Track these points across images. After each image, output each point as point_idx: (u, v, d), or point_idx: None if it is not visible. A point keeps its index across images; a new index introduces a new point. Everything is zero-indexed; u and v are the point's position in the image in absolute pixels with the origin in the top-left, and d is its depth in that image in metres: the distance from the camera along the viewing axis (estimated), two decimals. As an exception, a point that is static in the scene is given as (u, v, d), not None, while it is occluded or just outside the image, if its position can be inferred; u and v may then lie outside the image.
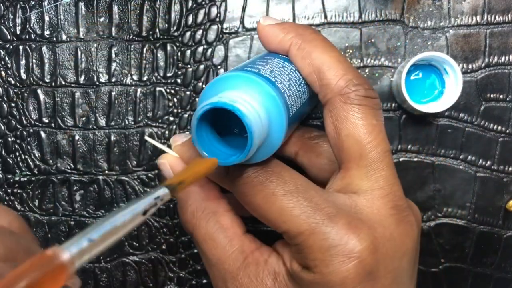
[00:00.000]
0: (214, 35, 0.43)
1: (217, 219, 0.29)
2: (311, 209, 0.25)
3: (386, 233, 0.26)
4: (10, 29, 0.44)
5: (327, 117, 0.28)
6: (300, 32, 0.29)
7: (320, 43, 0.29)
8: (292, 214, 0.26)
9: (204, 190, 0.30)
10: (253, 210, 0.27)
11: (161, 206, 0.43)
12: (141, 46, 0.43)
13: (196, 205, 0.30)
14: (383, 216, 0.26)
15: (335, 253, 0.24)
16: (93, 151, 0.44)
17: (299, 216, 0.25)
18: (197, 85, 0.43)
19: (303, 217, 0.25)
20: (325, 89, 0.28)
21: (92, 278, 0.44)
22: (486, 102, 0.42)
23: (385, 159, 0.27)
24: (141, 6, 0.43)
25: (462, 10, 0.42)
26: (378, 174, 0.27)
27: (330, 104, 0.28)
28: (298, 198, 0.26)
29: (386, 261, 0.25)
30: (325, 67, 0.28)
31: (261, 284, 0.27)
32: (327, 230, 0.25)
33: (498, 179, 0.42)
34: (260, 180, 0.27)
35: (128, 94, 0.43)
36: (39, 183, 0.44)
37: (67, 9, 0.44)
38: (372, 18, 0.42)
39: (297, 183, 0.27)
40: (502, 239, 0.43)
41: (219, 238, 0.29)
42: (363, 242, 0.25)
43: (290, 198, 0.26)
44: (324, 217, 0.25)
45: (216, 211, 0.29)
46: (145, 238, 0.43)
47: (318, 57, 0.28)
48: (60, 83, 0.43)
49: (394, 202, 0.27)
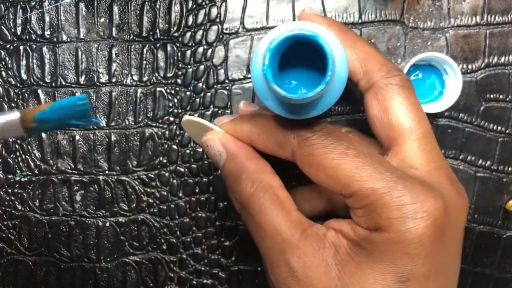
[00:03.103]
0: (214, 36, 0.43)
1: (274, 191, 0.29)
2: (385, 170, 0.26)
3: (450, 201, 0.26)
4: (10, 30, 0.44)
5: (372, 100, 0.30)
6: (340, 26, 0.32)
7: (358, 37, 0.32)
8: (367, 173, 0.26)
9: (259, 164, 0.30)
10: (321, 171, 0.27)
11: (162, 206, 0.43)
12: (142, 47, 0.43)
13: (253, 177, 0.29)
14: (444, 185, 0.27)
15: (413, 210, 0.25)
16: (94, 151, 0.44)
17: (374, 175, 0.26)
18: (197, 85, 0.43)
19: (378, 176, 0.26)
20: (369, 74, 0.30)
21: (92, 278, 0.44)
22: (486, 102, 0.42)
23: (431, 133, 0.29)
24: (141, 7, 0.43)
25: (462, 10, 0.42)
26: (429, 148, 0.28)
27: (375, 87, 0.30)
28: (372, 160, 0.26)
29: (452, 227, 0.26)
30: (369, 55, 0.30)
31: (323, 256, 0.27)
32: (403, 188, 0.25)
33: (498, 179, 0.42)
34: (330, 141, 0.27)
35: (129, 95, 0.43)
36: (39, 183, 0.44)
37: (68, 10, 0.44)
38: (372, 18, 0.42)
39: (366, 148, 0.27)
40: (501, 239, 0.43)
41: (277, 209, 0.28)
42: (438, 202, 0.25)
43: (363, 158, 0.26)
44: (399, 177, 0.26)
45: (272, 184, 0.29)
46: (145, 238, 0.44)
47: (362, 47, 0.31)
48: (61, 84, 0.44)
49: (448, 174, 0.28)
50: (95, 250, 0.44)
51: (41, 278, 0.44)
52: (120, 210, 0.44)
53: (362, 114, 0.42)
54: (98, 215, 0.44)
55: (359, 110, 0.42)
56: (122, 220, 0.44)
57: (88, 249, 0.44)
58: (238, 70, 0.43)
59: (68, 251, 0.44)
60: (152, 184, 0.43)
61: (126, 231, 0.44)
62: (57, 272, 0.44)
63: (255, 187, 0.29)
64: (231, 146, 0.30)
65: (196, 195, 0.43)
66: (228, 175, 0.30)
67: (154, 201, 0.43)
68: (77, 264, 0.44)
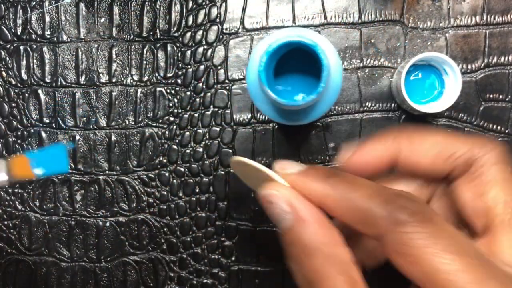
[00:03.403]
0: (214, 36, 0.43)
1: (350, 272, 0.24)
2: (490, 276, 0.21)
3: None
4: (11, 30, 0.44)
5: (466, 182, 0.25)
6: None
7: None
8: (469, 278, 0.21)
9: (333, 235, 0.24)
10: (417, 266, 0.22)
11: (162, 206, 0.43)
12: (142, 47, 0.43)
13: (326, 252, 0.24)
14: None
15: None
16: (94, 151, 0.44)
17: (479, 282, 0.21)
18: (197, 85, 0.43)
19: (483, 284, 0.21)
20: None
21: (92, 278, 0.44)
22: (486, 102, 0.42)
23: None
24: (141, 7, 0.43)
25: (461, 10, 0.42)
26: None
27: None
28: (477, 262, 0.22)
29: None
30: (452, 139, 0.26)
31: None
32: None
33: (498, 179, 0.42)
34: (431, 230, 0.22)
35: (129, 95, 0.43)
36: (39, 183, 0.44)
37: (68, 10, 0.44)
38: (372, 18, 0.42)
39: (465, 240, 0.22)
40: (501, 239, 0.43)
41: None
42: None
43: (467, 260, 0.22)
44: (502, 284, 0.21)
45: (346, 262, 0.24)
46: (145, 238, 0.44)
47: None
48: (61, 84, 0.44)
49: None
50: (95, 250, 0.44)
51: (41, 278, 0.44)
52: (120, 210, 0.44)
53: (362, 114, 0.42)
54: (98, 215, 0.44)
55: (359, 110, 0.42)
56: (122, 220, 0.44)
57: (88, 249, 0.44)
58: (238, 70, 0.43)
59: (68, 251, 0.44)
60: (152, 184, 0.43)
61: (126, 231, 0.44)
62: (57, 272, 0.44)
63: (329, 266, 0.23)
64: (301, 208, 0.24)
65: (196, 195, 0.43)
66: (294, 243, 0.24)
67: (154, 201, 0.43)
68: (77, 264, 0.44)
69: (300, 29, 0.30)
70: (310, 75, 0.31)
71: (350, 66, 0.42)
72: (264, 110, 0.30)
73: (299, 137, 0.43)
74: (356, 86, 0.42)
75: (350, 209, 0.24)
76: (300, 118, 0.30)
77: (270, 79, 0.28)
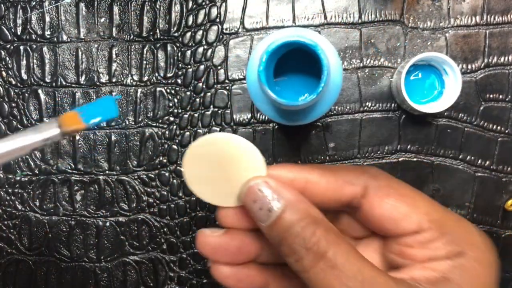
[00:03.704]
0: (214, 36, 0.43)
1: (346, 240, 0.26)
2: (439, 204, 0.27)
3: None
4: (11, 30, 0.44)
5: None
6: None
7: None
8: (439, 207, 0.27)
9: (320, 213, 0.26)
10: (404, 201, 0.27)
11: (162, 206, 0.43)
12: (142, 47, 0.43)
13: (325, 224, 0.26)
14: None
15: (483, 236, 0.27)
16: (94, 151, 0.44)
17: (440, 207, 0.27)
18: (197, 85, 0.43)
19: (440, 207, 0.27)
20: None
21: (92, 278, 0.44)
22: (486, 102, 0.42)
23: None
24: (141, 7, 0.43)
25: (461, 10, 0.42)
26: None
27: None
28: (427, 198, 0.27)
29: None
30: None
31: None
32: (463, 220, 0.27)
33: (497, 179, 0.42)
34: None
35: (129, 94, 0.43)
36: (40, 183, 0.44)
37: (68, 10, 0.44)
38: (372, 18, 0.42)
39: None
40: (500, 239, 0.43)
41: (361, 256, 0.26)
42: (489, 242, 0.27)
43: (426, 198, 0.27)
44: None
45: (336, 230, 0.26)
46: (145, 238, 0.44)
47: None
48: (61, 83, 0.44)
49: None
50: (95, 249, 0.44)
51: (41, 278, 0.44)
52: (120, 210, 0.44)
53: (362, 114, 0.42)
54: (98, 215, 0.44)
55: (359, 110, 0.42)
56: (122, 220, 0.44)
57: (88, 249, 0.44)
58: (238, 70, 0.43)
59: (68, 251, 0.44)
60: (152, 184, 0.43)
61: (126, 231, 0.44)
62: (57, 272, 0.44)
63: (333, 235, 0.25)
64: (289, 190, 0.26)
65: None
66: (292, 224, 0.25)
67: (154, 201, 0.43)
68: (77, 264, 0.44)
69: (300, 29, 0.30)
70: (310, 75, 0.31)
71: (350, 66, 0.42)
72: (264, 110, 0.30)
73: (299, 137, 0.43)
74: (356, 86, 0.42)
75: (337, 176, 0.27)
76: (300, 118, 0.30)
77: (270, 79, 0.28)
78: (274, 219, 0.25)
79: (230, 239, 0.28)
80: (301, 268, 0.25)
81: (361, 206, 0.28)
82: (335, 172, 0.27)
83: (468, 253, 0.26)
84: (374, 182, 0.28)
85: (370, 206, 0.27)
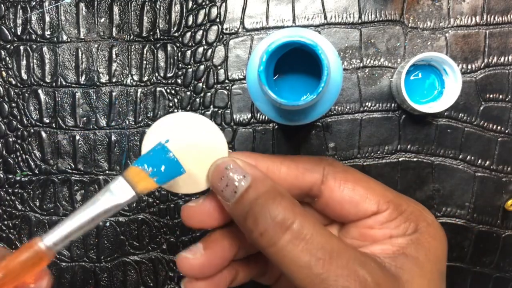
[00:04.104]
0: (214, 36, 0.43)
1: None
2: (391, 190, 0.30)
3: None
4: (11, 30, 0.44)
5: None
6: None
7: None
8: (389, 190, 0.29)
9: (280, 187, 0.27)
10: (360, 184, 0.29)
11: (162, 206, 0.43)
12: (142, 47, 0.43)
13: (289, 199, 0.26)
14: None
15: (430, 218, 0.29)
16: (94, 151, 0.44)
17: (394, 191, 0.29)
18: (197, 85, 0.43)
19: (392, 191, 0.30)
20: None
21: (92, 278, 0.44)
22: (486, 102, 0.42)
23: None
24: (141, 7, 0.43)
25: (461, 10, 0.42)
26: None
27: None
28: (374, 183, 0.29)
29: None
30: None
31: (386, 271, 0.27)
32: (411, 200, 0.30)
33: (497, 178, 0.42)
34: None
35: (129, 95, 0.43)
36: (40, 183, 0.44)
37: (68, 10, 0.44)
38: (371, 18, 0.42)
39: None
40: (500, 238, 0.43)
41: (324, 227, 0.27)
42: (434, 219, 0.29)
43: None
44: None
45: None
46: (145, 238, 0.44)
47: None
48: (61, 84, 0.44)
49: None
50: (95, 249, 0.44)
51: (41, 278, 0.44)
52: (120, 209, 0.44)
53: (362, 114, 0.42)
54: (98, 215, 0.44)
55: (359, 110, 0.42)
56: (122, 220, 0.44)
57: (88, 248, 0.44)
58: (238, 70, 0.43)
59: (68, 251, 0.44)
60: (152, 184, 0.43)
61: (126, 231, 0.44)
62: (57, 272, 0.44)
63: (299, 207, 0.25)
64: (255, 169, 0.27)
65: (196, 194, 0.43)
66: (258, 197, 0.25)
67: (154, 201, 0.43)
68: (77, 264, 0.44)
69: (300, 29, 0.30)
70: (310, 75, 0.31)
71: (350, 66, 0.42)
72: (264, 110, 0.30)
73: (299, 137, 0.43)
74: (356, 86, 0.42)
75: (298, 164, 0.28)
76: (300, 118, 0.30)
77: (270, 79, 0.28)
78: (240, 194, 0.25)
79: (211, 259, 0.29)
80: (266, 242, 0.25)
81: (322, 192, 0.29)
82: (296, 161, 0.29)
83: (423, 229, 0.27)
84: (331, 168, 0.29)
85: (330, 191, 0.28)
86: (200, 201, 0.29)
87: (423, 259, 0.26)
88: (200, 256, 0.29)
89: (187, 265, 0.29)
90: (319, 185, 0.28)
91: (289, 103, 0.26)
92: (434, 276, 0.26)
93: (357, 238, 0.29)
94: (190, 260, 0.29)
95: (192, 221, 0.29)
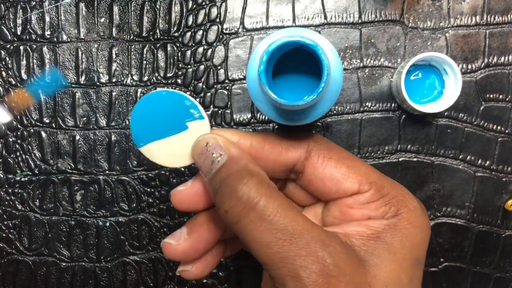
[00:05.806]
0: (214, 36, 0.43)
1: (282, 195, 0.28)
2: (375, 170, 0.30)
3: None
4: (10, 30, 0.44)
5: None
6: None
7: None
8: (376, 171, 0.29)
9: (261, 170, 0.28)
10: (343, 163, 0.29)
11: (162, 206, 0.43)
12: (142, 47, 0.43)
13: (262, 178, 0.27)
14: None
15: (417, 201, 0.28)
16: (94, 151, 0.44)
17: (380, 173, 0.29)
18: (197, 85, 0.43)
19: (378, 172, 0.30)
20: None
21: (92, 278, 0.44)
22: (486, 102, 0.42)
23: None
24: (141, 7, 0.43)
25: (461, 10, 0.42)
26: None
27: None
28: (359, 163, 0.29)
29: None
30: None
31: (350, 252, 0.27)
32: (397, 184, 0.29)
33: (497, 178, 0.42)
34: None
35: (129, 94, 0.43)
36: (39, 183, 0.44)
37: (68, 10, 0.44)
38: (372, 18, 0.42)
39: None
40: (501, 239, 0.43)
41: (295, 209, 0.27)
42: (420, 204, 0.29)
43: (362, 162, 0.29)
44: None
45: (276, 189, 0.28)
46: (145, 238, 0.44)
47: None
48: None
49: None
50: (95, 250, 0.44)
51: (41, 278, 0.44)
52: (120, 210, 0.44)
53: (362, 114, 0.42)
54: (98, 215, 0.44)
55: (359, 110, 0.42)
56: (122, 220, 0.44)
57: (88, 249, 0.44)
58: (238, 70, 0.43)
59: (68, 251, 0.44)
60: (152, 183, 0.43)
61: (126, 231, 0.44)
62: (57, 272, 0.44)
63: (267, 188, 0.26)
64: (234, 147, 0.27)
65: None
66: (228, 176, 0.26)
67: (154, 200, 0.43)
68: (77, 264, 0.44)
69: (300, 29, 0.30)
70: (310, 75, 0.31)
71: (350, 66, 0.42)
72: (264, 110, 0.30)
73: (299, 137, 0.43)
74: (356, 86, 0.42)
75: (281, 142, 0.29)
76: (300, 118, 0.30)
77: (270, 79, 0.28)
78: (214, 172, 0.26)
79: (194, 243, 0.29)
80: (231, 219, 0.25)
81: (305, 169, 0.29)
82: (280, 137, 0.29)
83: (402, 214, 0.27)
84: (316, 145, 0.29)
85: (313, 168, 0.29)
86: (189, 184, 0.29)
87: (398, 245, 0.26)
88: (183, 241, 0.29)
89: (171, 251, 0.29)
90: (302, 162, 0.29)
91: (289, 103, 0.26)
92: (407, 263, 0.26)
93: (337, 217, 0.29)
94: (173, 246, 0.29)
95: (184, 204, 0.29)
